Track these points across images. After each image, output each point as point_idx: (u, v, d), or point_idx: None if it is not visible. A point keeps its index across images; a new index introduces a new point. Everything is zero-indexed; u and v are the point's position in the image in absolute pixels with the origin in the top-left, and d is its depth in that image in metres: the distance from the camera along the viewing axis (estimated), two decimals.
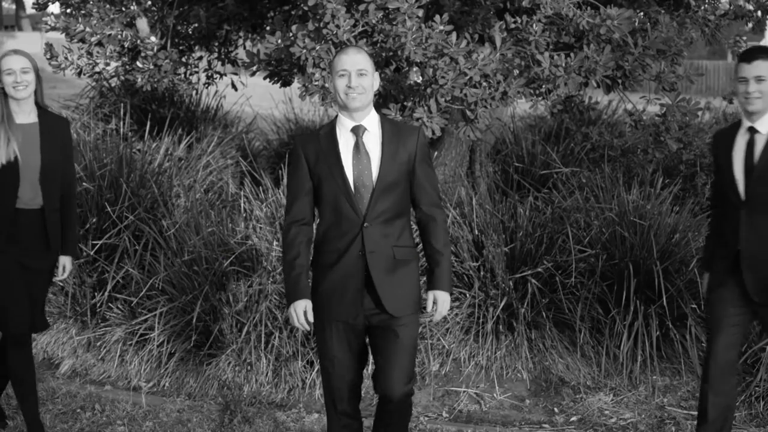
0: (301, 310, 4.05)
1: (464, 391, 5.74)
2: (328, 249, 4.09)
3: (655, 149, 6.45)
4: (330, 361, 4.12)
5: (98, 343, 6.12)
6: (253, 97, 10.13)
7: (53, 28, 6.84)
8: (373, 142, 4.09)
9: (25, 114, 4.87)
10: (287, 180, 4.25)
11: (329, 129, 4.13)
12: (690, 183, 7.54)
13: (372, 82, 4.08)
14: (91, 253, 6.21)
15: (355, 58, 4.03)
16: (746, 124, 4.55)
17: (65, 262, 5.05)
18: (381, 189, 4.03)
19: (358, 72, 4.01)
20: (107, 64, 7.03)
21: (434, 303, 4.12)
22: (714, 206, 4.83)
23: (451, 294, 4.16)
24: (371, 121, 4.11)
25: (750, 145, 4.51)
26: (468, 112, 5.78)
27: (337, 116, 4.15)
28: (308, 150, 4.10)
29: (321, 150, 4.08)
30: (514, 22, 5.89)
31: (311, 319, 4.07)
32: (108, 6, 6.96)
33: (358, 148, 4.06)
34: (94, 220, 6.41)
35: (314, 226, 4.19)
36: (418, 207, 4.16)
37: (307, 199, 4.11)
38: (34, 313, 4.94)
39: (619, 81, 6.28)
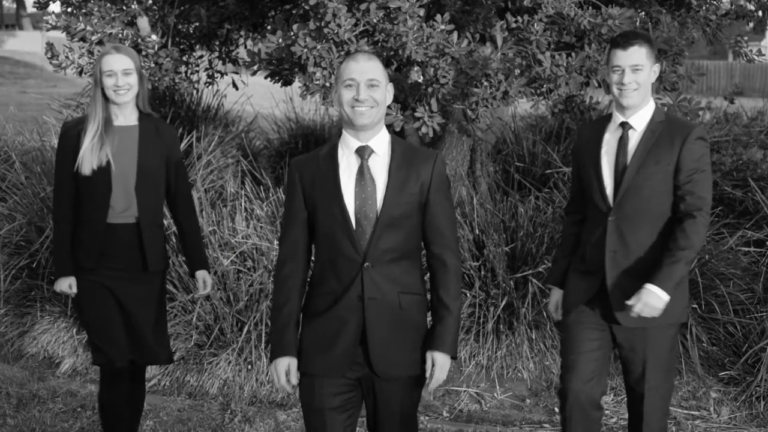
0: (283, 370, 3.46)
1: (465, 391, 5.74)
2: (322, 291, 3.48)
3: None
4: (314, 415, 3.51)
5: None
6: (253, 97, 10.13)
7: (54, 27, 6.84)
8: (381, 166, 3.46)
9: (124, 117, 4.39)
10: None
11: (330, 149, 3.53)
12: None
13: (385, 94, 3.46)
14: None
15: (365, 66, 3.42)
16: (618, 118, 3.99)
17: (204, 276, 4.62)
18: (385, 223, 3.41)
19: (368, 82, 3.40)
20: None
21: (432, 366, 3.46)
22: (570, 212, 4.28)
23: (455, 359, 3.55)
24: (380, 142, 3.49)
25: (622, 143, 3.95)
26: (469, 112, 5.78)
27: (341, 134, 3.54)
28: (304, 173, 3.51)
29: (318, 173, 3.48)
30: (516, 22, 5.89)
31: (294, 381, 3.47)
32: (109, 5, 6.95)
33: (362, 173, 3.44)
34: None
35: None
36: (429, 248, 3.53)
37: (301, 233, 3.52)
38: (142, 344, 4.42)
39: None
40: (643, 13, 6.73)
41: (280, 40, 5.85)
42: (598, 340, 4.00)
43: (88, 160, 4.28)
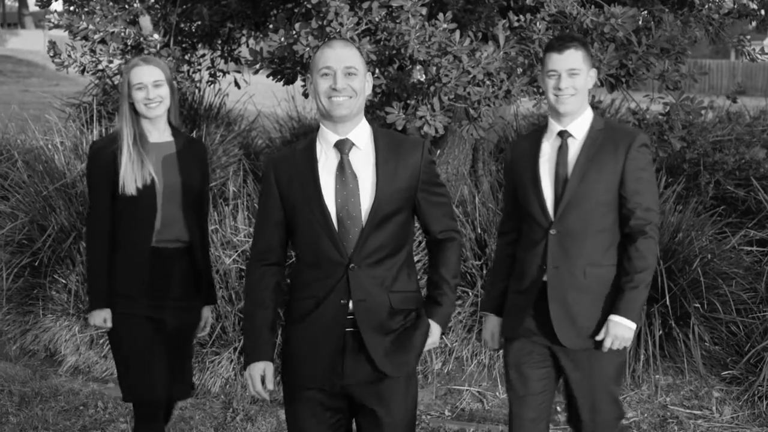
0: (258, 375, 3.24)
1: (467, 390, 5.74)
2: (303, 296, 3.26)
3: (659, 148, 6.44)
4: None
5: (101, 341, 6.12)
6: (255, 95, 10.14)
7: (56, 26, 6.84)
8: (363, 161, 3.24)
9: (159, 132, 4.09)
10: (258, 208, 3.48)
11: (307, 144, 3.31)
12: (693, 182, 7.53)
13: (363, 83, 3.25)
14: None
15: (341, 53, 3.20)
16: (555, 127, 3.75)
17: (207, 314, 4.26)
18: (375, 222, 3.19)
19: (345, 70, 3.18)
20: (110, 62, 7.02)
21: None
22: (504, 232, 3.98)
23: (445, 333, 3.55)
24: (361, 134, 3.27)
25: (561, 153, 3.71)
26: (471, 111, 5.77)
27: (318, 128, 3.32)
28: (280, 171, 3.28)
29: (296, 171, 3.25)
30: (518, 21, 5.89)
31: (270, 386, 3.26)
32: (111, 3, 6.96)
33: (343, 169, 3.22)
34: None
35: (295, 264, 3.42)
36: (429, 234, 3.40)
37: (276, 233, 3.30)
38: (175, 378, 4.11)
39: (623, 80, 6.27)
40: (646, 11, 6.73)
41: (283, 39, 5.85)
42: (544, 380, 3.80)
43: (130, 178, 3.95)
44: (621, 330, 3.61)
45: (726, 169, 7.66)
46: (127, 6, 7.11)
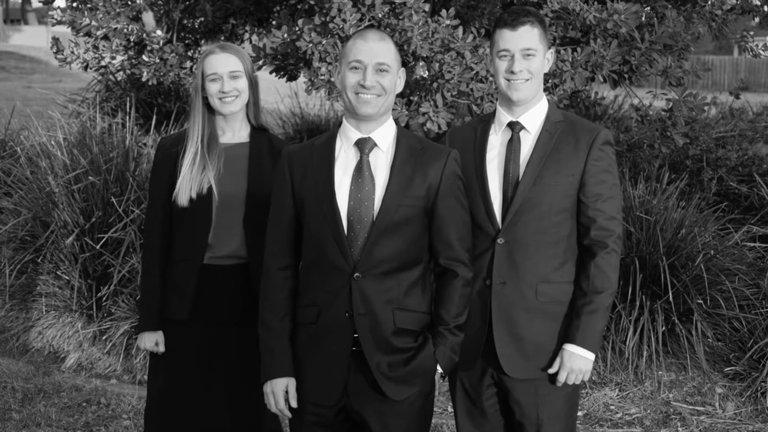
0: (281, 392, 3.04)
1: None
2: (306, 302, 3.06)
3: (662, 144, 6.43)
4: None
5: (104, 337, 6.12)
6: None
7: (59, 22, 6.85)
8: (383, 163, 3.03)
9: (232, 132, 3.62)
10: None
11: (326, 140, 3.11)
12: (696, 178, 7.53)
13: (395, 81, 3.04)
14: (97, 247, 6.22)
15: (375, 47, 2.98)
16: (505, 117, 3.25)
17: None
18: (381, 229, 2.97)
19: (377, 66, 2.97)
20: (113, 58, 7.02)
21: None
22: None
23: (445, 377, 3.17)
24: (384, 135, 3.06)
25: (512, 148, 3.21)
26: (474, 107, 5.77)
27: (341, 123, 3.13)
28: (295, 164, 3.08)
29: (311, 165, 3.05)
30: None
31: (294, 403, 3.04)
32: (114, 0, 6.96)
33: (361, 169, 3.01)
34: (100, 213, 6.42)
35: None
36: (435, 259, 3.10)
37: (288, 231, 3.10)
38: (243, 420, 3.58)
39: (626, 76, 6.27)
40: (649, 8, 6.72)
41: (285, 35, 5.85)
42: (497, 414, 3.35)
43: (186, 187, 3.50)
44: (578, 362, 3.14)
45: (729, 165, 7.66)
46: (129, 2, 7.12)
